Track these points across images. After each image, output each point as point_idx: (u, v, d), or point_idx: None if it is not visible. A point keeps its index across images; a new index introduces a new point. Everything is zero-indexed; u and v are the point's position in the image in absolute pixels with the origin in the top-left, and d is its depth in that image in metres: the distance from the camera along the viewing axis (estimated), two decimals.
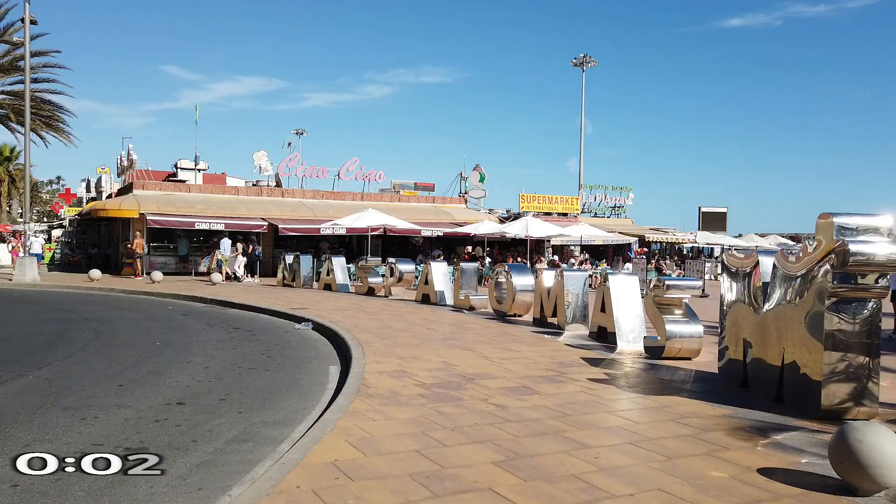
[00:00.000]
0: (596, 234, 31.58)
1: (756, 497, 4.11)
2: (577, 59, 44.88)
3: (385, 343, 9.96)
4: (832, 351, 6.00)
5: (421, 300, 17.30)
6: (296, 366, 8.93)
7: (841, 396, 6.06)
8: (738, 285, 7.84)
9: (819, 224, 6.18)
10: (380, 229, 26.44)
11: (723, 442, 5.27)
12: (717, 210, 43.54)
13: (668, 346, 9.23)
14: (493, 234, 29.17)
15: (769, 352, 6.91)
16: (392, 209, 30.38)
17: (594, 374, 8.05)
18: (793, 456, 4.96)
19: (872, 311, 6.06)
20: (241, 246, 24.31)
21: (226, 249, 23.91)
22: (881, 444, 4.07)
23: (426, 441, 5.07)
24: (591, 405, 6.39)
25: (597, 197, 42.22)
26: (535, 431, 5.42)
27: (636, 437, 5.33)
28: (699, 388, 7.46)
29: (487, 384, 7.19)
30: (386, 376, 7.49)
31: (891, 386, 7.72)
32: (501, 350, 9.62)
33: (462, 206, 35.90)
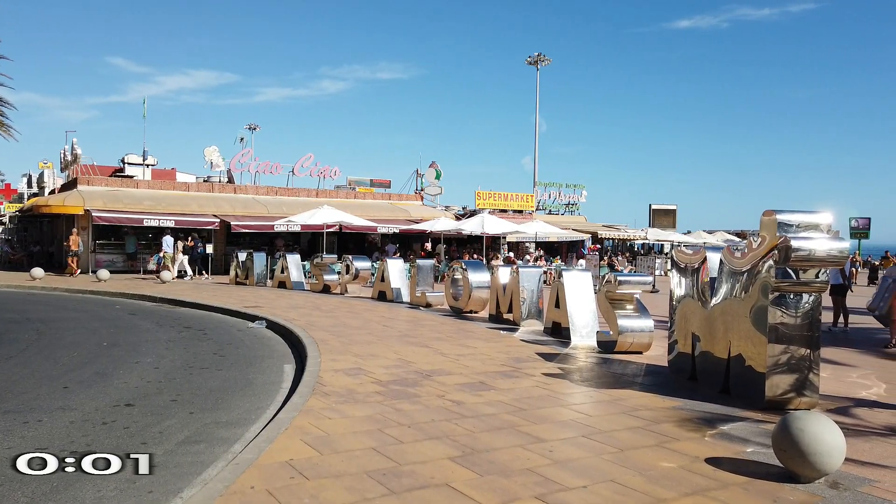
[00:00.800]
0: (550, 231, 31.96)
1: (704, 486, 4.24)
2: (532, 58, 45.28)
3: (341, 341, 9.89)
4: (775, 343, 6.23)
5: (377, 297, 17.22)
6: (249, 365, 8.78)
7: (784, 387, 6.29)
8: (687, 281, 8.06)
9: (763, 221, 6.40)
10: (335, 226, 26.20)
11: (672, 433, 5.41)
12: (666, 207, 44.58)
13: (620, 341, 9.42)
14: (450, 230, 29.24)
15: (716, 345, 7.13)
16: (348, 206, 30.13)
17: (549, 369, 8.15)
18: (738, 445, 5.13)
19: (813, 304, 6.31)
20: (181, 243, 23.65)
21: (168, 247, 23.28)
22: (821, 433, 4.25)
23: (383, 438, 5.06)
24: (545, 400, 6.48)
25: (551, 194, 42.73)
26: (490, 426, 5.46)
27: (589, 430, 5.43)
28: (650, 381, 7.64)
29: (444, 381, 7.22)
30: (342, 374, 7.44)
31: (831, 377, 8.05)
32: (458, 346, 9.66)
33: (418, 203, 35.84)
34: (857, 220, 46.52)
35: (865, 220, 46.37)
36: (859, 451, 5.06)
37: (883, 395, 7.11)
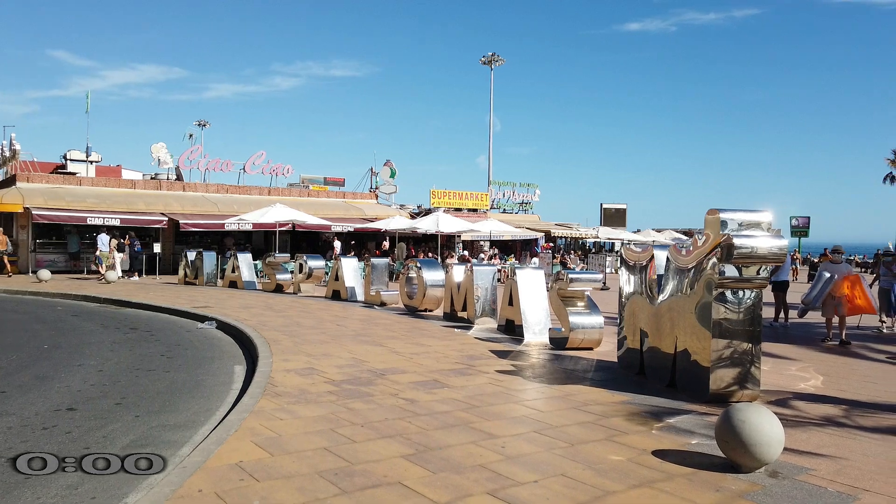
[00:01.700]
0: (505, 229, 32.22)
1: (650, 478, 4.35)
2: (486, 58, 45.55)
3: (294, 341, 9.77)
4: (719, 338, 6.42)
5: (331, 296, 17.08)
6: (198, 366, 8.60)
7: (727, 381, 6.50)
8: (636, 278, 8.25)
9: (707, 220, 6.60)
10: (288, 225, 25.83)
11: (621, 427, 5.53)
12: (617, 206, 45.45)
13: (572, 337, 9.58)
14: (405, 229, 29.18)
15: (663, 340, 7.32)
16: (301, 204, 29.75)
17: (502, 366, 8.23)
18: (684, 438, 5.27)
19: (754, 300, 6.53)
20: (115, 242, 22.86)
21: (104, 245, 22.52)
22: (761, 424, 4.41)
23: (335, 438, 5.02)
24: (498, 396, 6.54)
25: (505, 193, 43.05)
26: (444, 424, 5.48)
27: (541, 426, 5.50)
28: (600, 376, 7.78)
29: (398, 379, 7.21)
30: (294, 374, 7.35)
31: (772, 370, 8.36)
32: (412, 345, 9.66)
33: (373, 201, 35.65)
34: (797, 218, 48.34)
35: (805, 219, 48.23)
36: (798, 440, 5.27)
37: (820, 388, 7.42)
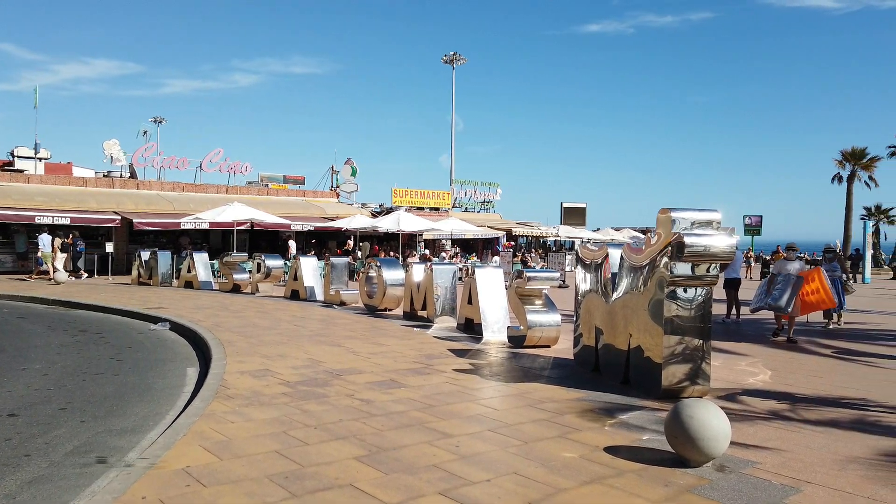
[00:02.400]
0: (466, 228, 32.29)
1: (601, 474, 4.39)
2: (448, 57, 45.56)
3: (249, 342, 9.60)
4: (671, 335, 6.54)
5: (290, 296, 16.86)
6: (149, 369, 8.38)
7: (679, 377, 6.62)
8: (591, 276, 8.35)
9: (659, 218, 6.71)
10: (247, 224, 25.41)
11: (575, 424, 5.58)
12: (577, 205, 46.01)
13: (530, 335, 9.64)
14: (366, 228, 28.99)
15: (617, 338, 7.41)
16: (260, 203, 29.31)
17: (460, 364, 8.23)
18: (636, 434, 5.35)
19: (705, 297, 6.66)
20: (59, 241, 22.13)
21: (45, 245, 21.80)
22: (709, 419, 4.49)
23: (287, 440, 4.94)
24: (455, 395, 6.53)
25: (467, 192, 43.16)
26: (399, 424, 5.45)
27: (496, 424, 5.51)
28: (556, 373, 7.85)
29: (354, 379, 7.14)
30: (248, 376, 7.22)
31: (722, 366, 8.55)
32: (370, 344, 9.59)
33: (334, 200, 35.35)
34: (750, 217, 49.66)
35: (758, 218, 49.57)
36: (745, 434, 5.39)
37: (768, 382, 7.61)
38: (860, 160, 44.23)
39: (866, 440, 5.29)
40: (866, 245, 31.42)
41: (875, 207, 49.45)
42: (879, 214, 48.81)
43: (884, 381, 7.83)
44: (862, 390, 7.23)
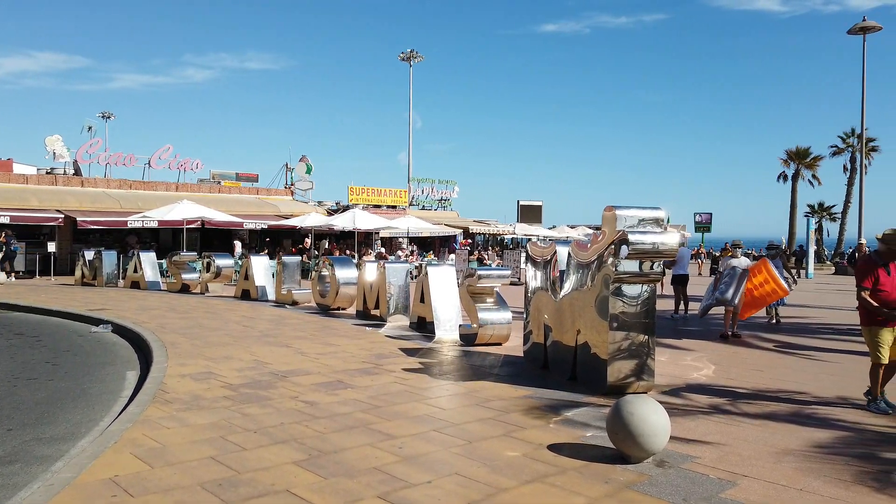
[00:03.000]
0: (422, 226, 32.21)
1: (543, 472, 4.38)
2: (405, 54, 45.38)
3: (194, 343, 9.34)
4: (616, 331, 6.59)
5: (240, 296, 16.54)
6: (86, 373, 8.07)
7: (624, 373, 6.68)
8: (540, 273, 8.38)
9: (605, 216, 6.76)
10: (197, 222, 24.80)
11: (520, 422, 5.57)
12: (533, 203, 46.41)
13: (481, 333, 9.64)
14: (321, 226, 28.63)
15: (565, 334, 7.45)
16: (212, 200, 28.68)
17: (410, 364, 8.16)
18: (580, 430, 5.37)
19: (649, 294, 6.74)
20: None
21: None
22: (648, 415, 4.53)
23: (224, 446, 4.80)
24: (402, 395, 6.46)
25: (424, 190, 43.09)
26: (342, 426, 5.35)
27: (441, 424, 5.46)
28: (506, 371, 7.85)
29: (300, 381, 7.00)
30: (189, 379, 7.01)
31: (669, 361, 8.69)
32: (320, 345, 9.44)
33: (288, 198, 34.83)
34: (700, 214, 50.89)
35: (708, 215, 50.84)
36: (686, 429, 5.47)
37: (711, 377, 7.76)
38: (804, 159, 45.79)
39: (801, 432, 5.42)
40: (809, 241, 32.50)
41: (818, 205, 51.27)
42: (822, 212, 50.62)
43: (820, 374, 8.07)
44: (799, 383, 7.43)
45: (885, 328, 6.13)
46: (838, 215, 45.88)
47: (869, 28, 30.87)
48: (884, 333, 6.13)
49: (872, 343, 6.20)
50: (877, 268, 6.22)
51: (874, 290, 6.15)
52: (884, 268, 6.22)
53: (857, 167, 39.23)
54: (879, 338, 6.13)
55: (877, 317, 6.13)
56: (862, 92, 32.64)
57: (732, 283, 11.01)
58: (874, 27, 30.82)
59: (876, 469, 4.55)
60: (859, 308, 6.36)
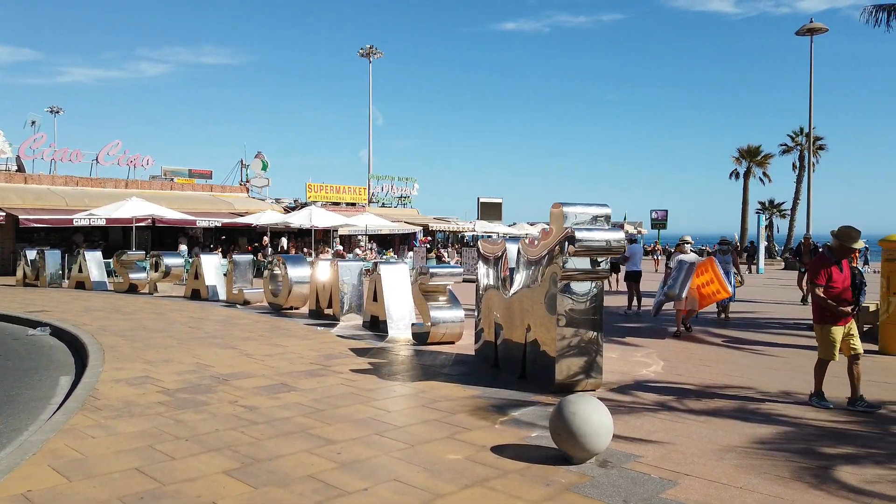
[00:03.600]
0: (381, 223, 31.95)
1: (484, 476, 4.27)
2: (364, 50, 44.97)
3: (135, 346, 8.99)
4: (564, 328, 6.53)
5: (190, 296, 16.11)
6: (17, 379, 7.68)
7: (573, 370, 6.63)
8: (492, 271, 8.29)
9: (552, 213, 6.70)
10: (147, 220, 24.08)
11: (465, 423, 5.46)
12: (493, 201, 46.47)
13: (433, 332, 9.51)
14: (277, 224, 28.12)
15: (515, 332, 7.38)
16: (163, 198, 27.93)
17: (359, 364, 7.99)
18: (525, 431, 5.28)
19: (597, 291, 6.70)
20: None
21: None
22: (590, 415, 4.46)
23: (152, 456, 4.56)
24: (347, 398, 6.29)
25: (384, 187, 42.79)
26: (281, 432, 5.16)
27: (384, 427, 5.32)
28: (456, 370, 7.74)
29: (242, 384, 6.77)
30: (124, 384, 6.71)
31: (619, 357, 8.70)
32: (268, 346, 9.19)
33: (244, 195, 34.14)
34: (657, 211, 51.77)
35: (664, 212, 51.76)
36: (631, 427, 5.44)
37: (660, 373, 7.79)
38: (755, 157, 46.90)
39: (744, 428, 5.44)
40: (760, 238, 33.31)
41: (769, 202, 52.65)
42: (772, 209, 52.00)
43: (766, 369, 8.18)
44: (745, 378, 7.51)
45: (838, 326, 6.10)
46: (788, 212, 47.13)
47: (816, 30, 31.72)
48: (836, 331, 6.10)
49: (825, 340, 6.17)
50: (829, 264, 6.19)
51: (826, 286, 6.12)
52: (836, 264, 6.19)
53: (805, 165, 40.34)
54: (832, 335, 6.10)
55: (829, 314, 6.10)
56: (810, 92, 33.57)
57: (680, 277, 11.01)
58: (821, 28, 31.68)
59: (814, 465, 4.57)
60: (812, 305, 6.35)
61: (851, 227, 6.25)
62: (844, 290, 6.17)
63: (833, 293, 6.12)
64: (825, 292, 6.13)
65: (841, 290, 6.14)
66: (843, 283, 6.17)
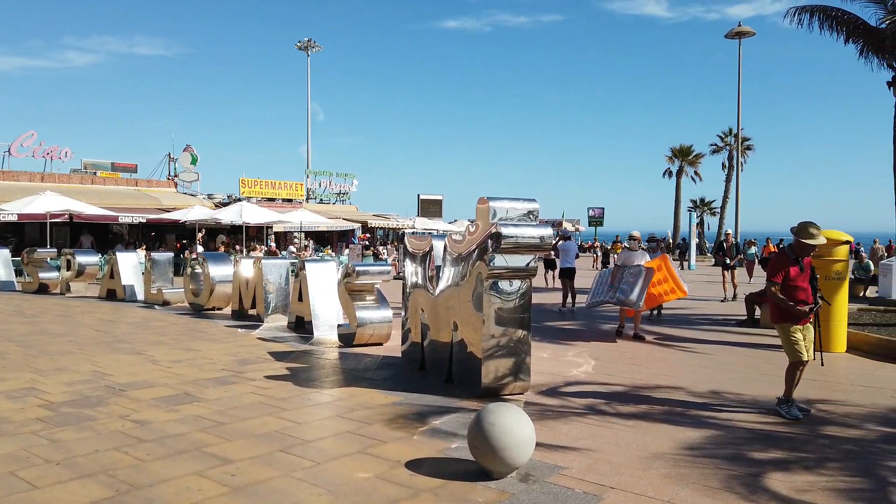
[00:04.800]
0: (317, 220, 31.13)
1: (394, 497, 3.86)
2: (302, 43, 43.89)
3: (27, 353, 8.17)
4: (491, 328, 6.17)
5: (106, 296, 15.11)
6: None
7: (501, 372, 6.29)
8: (419, 268, 7.89)
9: (478, 208, 6.34)
10: (63, 215, 22.62)
11: (381, 435, 5.04)
12: (434, 197, 46.19)
13: (360, 333, 9.05)
14: (206, 220, 26.94)
15: (441, 332, 7.00)
16: (83, 192, 26.40)
17: (275, 370, 7.45)
18: (445, 442, 4.90)
19: (525, 289, 6.38)
20: None
21: None
22: (511, 426, 4.11)
23: (10, 485, 3.94)
24: (254, 408, 5.76)
25: (322, 183, 41.86)
26: (171, 451, 4.60)
27: (290, 443, 4.83)
28: (380, 374, 7.31)
29: (139, 395, 6.14)
30: (2, 398, 5.97)
31: (550, 357, 8.45)
32: (179, 350, 8.52)
33: (172, 190, 32.68)
34: (594, 209, 52.53)
35: (600, 210, 52.56)
36: (557, 434, 5.14)
37: (590, 373, 7.56)
38: (687, 157, 48.10)
39: (673, 433, 5.21)
40: (692, 235, 34.10)
41: (700, 200, 54.16)
42: (703, 207, 53.51)
43: (696, 367, 8.07)
44: (675, 378, 7.35)
45: (797, 325, 5.80)
46: (718, 210, 48.60)
47: (744, 33, 32.68)
48: (797, 331, 5.80)
49: (787, 341, 5.83)
50: (788, 263, 5.86)
51: (784, 285, 5.81)
52: (796, 263, 5.87)
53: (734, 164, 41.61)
54: (793, 335, 5.78)
55: (788, 313, 5.79)
56: (738, 93, 34.58)
57: (637, 283, 9.96)
58: (748, 32, 32.66)
59: (744, 472, 4.36)
60: (770, 304, 6.03)
61: (809, 223, 5.89)
62: (803, 289, 5.81)
63: (791, 293, 5.78)
64: (783, 291, 5.81)
65: (799, 289, 5.80)
66: (804, 281, 5.83)
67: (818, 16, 12.25)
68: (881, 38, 11.50)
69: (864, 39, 11.92)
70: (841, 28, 12.04)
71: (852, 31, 11.97)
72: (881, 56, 11.85)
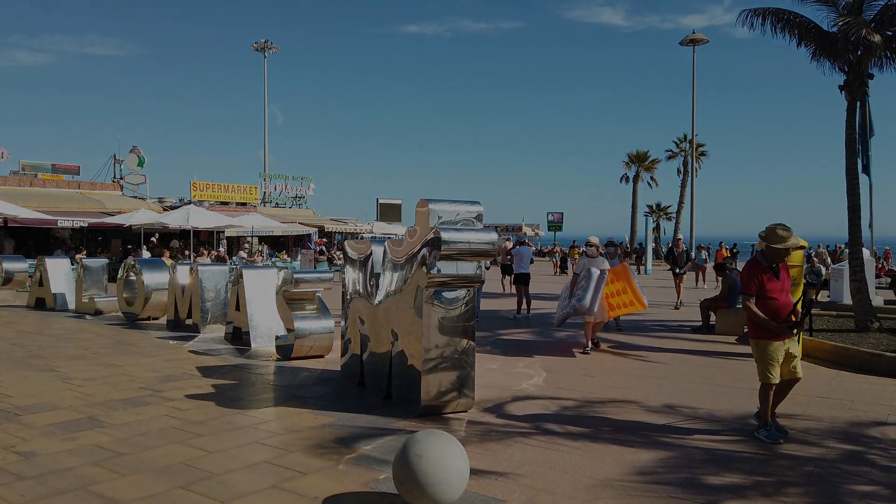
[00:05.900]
0: (271, 224, 30.20)
1: None
2: (259, 44, 42.90)
3: None
4: (433, 338, 5.70)
5: (34, 305, 14.15)
6: None
7: (443, 388, 5.80)
8: (360, 275, 7.35)
9: (417, 212, 5.86)
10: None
11: (301, 465, 4.49)
12: (393, 202, 45.57)
13: (298, 345, 8.46)
14: (152, 224, 25.84)
15: (381, 344, 6.49)
16: (21, 195, 25.11)
17: (200, 387, 6.82)
18: (374, 472, 4.38)
19: (469, 297, 5.92)
20: None
21: None
22: (440, 459, 3.62)
23: None
24: (164, 435, 5.15)
25: (277, 187, 40.91)
26: (52, 490, 3.98)
27: (195, 477, 4.25)
28: (315, 392, 6.75)
29: (35, 421, 5.46)
30: None
31: (499, 369, 8.00)
32: (98, 366, 7.80)
33: (117, 192, 31.38)
34: (553, 214, 52.62)
35: (559, 215, 52.69)
36: (499, 459, 4.67)
37: (541, 386, 7.12)
38: (643, 162, 48.58)
39: (624, 455, 4.79)
40: (648, 240, 34.27)
41: (656, 205, 54.72)
42: (659, 212, 54.07)
43: (649, 378, 7.72)
44: (628, 390, 6.97)
45: (776, 342, 5.12)
46: (673, 215, 49.13)
47: (698, 40, 33.00)
48: (775, 348, 5.11)
49: (762, 359, 5.16)
50: (762, 271, 5.18)
51: (760, 296, 5.14)
52: (771, 271, 5.19)
53: (689, 170, 42.09)
54: (770, 353, 5.11)
55: (765, 329, 5.13)
56: (692, 100, 34.92)
57: (590, 288, 9.25)
58: (702, 39, 32.99)
59: (699, 502, 3.95)
60: (746, 318, 5.32)
61: (777, 225, 5.22)
62: (782, 300, 5.15)
63: (770, 305, 5.11)
64: (759, 304, 5.14)
65: (778, 302, 5.13)
66: (783, 292, 5.17)
67: (770, 19, 12.13)
68: (833, 41, 11.41)
69: (816, 42, 11.84)
70: (793, 31, 11.94)
71: (804, 33, 11.88)
72: (833, 59, 11.79)
